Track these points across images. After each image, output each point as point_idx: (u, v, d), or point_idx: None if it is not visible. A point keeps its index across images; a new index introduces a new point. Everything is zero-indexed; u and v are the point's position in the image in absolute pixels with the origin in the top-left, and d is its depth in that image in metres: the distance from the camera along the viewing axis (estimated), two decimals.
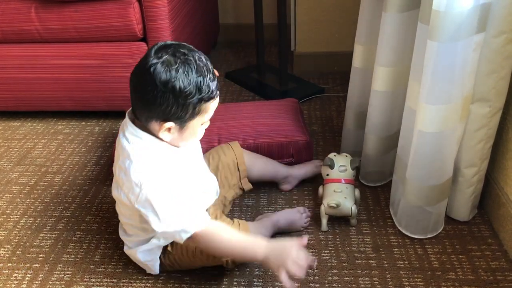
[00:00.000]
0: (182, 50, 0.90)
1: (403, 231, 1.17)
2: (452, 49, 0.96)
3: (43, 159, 1.52)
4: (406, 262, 1.10)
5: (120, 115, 1.59)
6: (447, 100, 1.01)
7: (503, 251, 1.11)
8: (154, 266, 1.06)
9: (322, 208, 1.17)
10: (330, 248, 1.14)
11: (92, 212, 1.29)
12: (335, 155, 1.25)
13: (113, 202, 1.31)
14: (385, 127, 1.27)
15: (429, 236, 1.16)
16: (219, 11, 2.34)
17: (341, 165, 1.22)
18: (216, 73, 0.95)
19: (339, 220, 1.22)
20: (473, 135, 1.10)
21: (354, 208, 1.16)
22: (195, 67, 0.89)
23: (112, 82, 1.60)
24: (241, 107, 1.53)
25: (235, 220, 1.09)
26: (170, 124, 0.92)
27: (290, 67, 1.99)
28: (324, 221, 1.18)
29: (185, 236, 0.93)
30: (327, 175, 1.23)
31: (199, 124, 0.96)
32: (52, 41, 1.58)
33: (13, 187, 1.40)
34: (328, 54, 1.99)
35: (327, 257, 1.12)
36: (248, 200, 1.31)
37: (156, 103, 0.89)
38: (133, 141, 0.95)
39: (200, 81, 0.89)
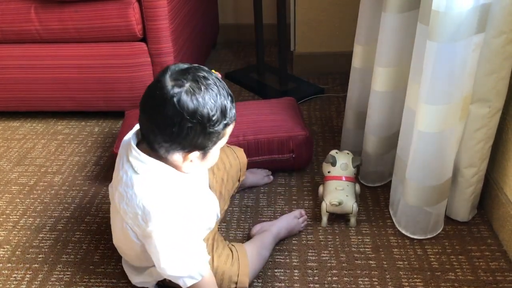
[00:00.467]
0: (201, 74, 0.83)
1: (403, 232, 1.17)
2: (452, 49, 0.96)
3: (42, 159, 1.52)
4: (406, 262, 1.10)
5: (119, 115, 1.60)
6: (447, 100, 1.01)
7: (503, 252, 1.11)
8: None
9: (324, 205, 1.17)
10: (330, 248, 1.14)
11: (91, 213, 1.29)
12: (336, 152, 1.25)
13: None
14: (384, 128, 1.27)
15: (428, 236, 1.16)
16: (219, 11, 2.34)
17: (342, 162, 1.22)
18: (219, 74, 0.90)
19: (339, 220, 1.22)
20: (473, 135, 1.10)
21: (355, 206, 1.17)
22: (218, 91, 0.83)
23: (112, 82, 1.60)
24: (241, 105, 1.53)
25: (233, 249, 1.03)
26: (195, 154, 0.86)
27: (290, 67, 1.99)
28: (325, 218, 1.19)
29: (190, 283, 0.89)
30: (329, 172, 1.22)
31: (219, 148, 0.91)
32: (52, 41, 1.58)
33: (13, 187, 1.40)
34: (328, 54, 1.99)
35: (327, 258, 1.12)
36: (248, 201, 1.31)
37: (182, 134, 0.82)
38: (139, 169, 0.87)
39: (225, 105, 0.84)
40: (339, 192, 1.17)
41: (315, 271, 1.08)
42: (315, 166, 1.44)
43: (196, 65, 0.87)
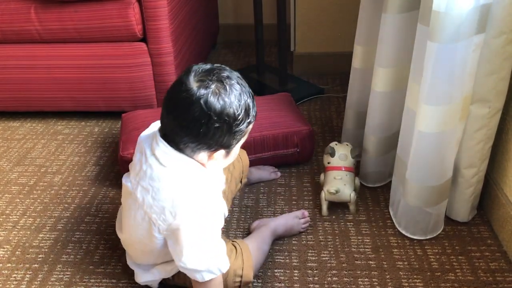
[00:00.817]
0: (224, 74, 0.85)
1: (403, 232, 1.17)
2: (452, 50, 0.96)
3: (42, 160, 1.52)
4: (406, 263, 1.10)
5: (119, 115, 1.60)
6: (447, 100, 1.01)
7: (503, 252, 1.11)
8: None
9: (323, 194, 1.22)
10: (330, 249, 1.14)
11: (91, 213, 1.29)
12: (336, 144, 1.29)
13: (112, 202, 1.32)
14: (385, 128, 1.27)
15: (428, 236, 1.16)
16: (219, 11, 2.34)
17: (341, 153, 1.26)
18: None
19: (338, 220, 1.22)
20: (473, 135, 1.10)
21: (353, 195, 1.20)
22: (241, 90, 0.86)
23: (112, 82, 1.60)
24: None
25: (236, 244, 1.04)
26: (221, 152, 0.88)
27: (289, 68, 1.99)
28: (325, 206, 1.23)
29: (208, 277, 0.89)
30: (328, 163, 1.26)
31: (240, 146, 0.93)
32: (52, 41, 1.58)
33: (13, 187, 1.40)
34: (328, 55, 1.99)
35: (327, 258, 1.12)
36: (248, 201, 1.31)
37: (209, 134, 0.84)
38: (167, 162, 0.87)
39: (248, 104, 0.87)
40: (337, 181, 1.21)
41: (315, 271, 1.08)
42: (315, 166, 1.44)
43: (218, 65, 0.88)
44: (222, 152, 0.89)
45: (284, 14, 1.79)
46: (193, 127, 0.83)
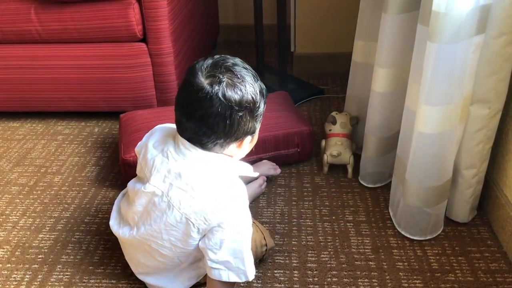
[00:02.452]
0: (230, 63, 0.86)
1: (403, 233, 1.17)
2: (452, 50, 0.96)
3: (42, 160, 1.52)
4: (406, 263, 1.10)
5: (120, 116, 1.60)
6: (447, 101, 1.01)
7: (503, 253, 1.11)
8: None
9: (325, 157, 1.38)
10: (330, 249, 1.14)
11: (91, 213, 1.29)
12: (336, 114, 1.43)
13: (112, 202, 1.32)
14: (384, 128, 1.27)
15: (428, 237, 1.16)
16: (219, 12, 2.34)
17: (342, 121, 1.41)
18: None
19: (338, 221, 1.22)
20: (473, 136, 1.10)
21: (352, 158, 1.36)
22: (250, 74, 0.87)
23: (112, 82, 1.60)
24: None
25: None
26: (248, 139, 0.91)
27: (290, 68, 1.99)
28: (326, 168, 1.40)
29: (233, 279, 0.89)
30: (330, 130, 1.42)
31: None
32: (52, 41, 1.58)
33: (13, 187, 1.40)
34: (328, 55, 1.99)
35: (327, 259, 1.12)
36: None
37: (235, 125, 0.85)
38: (199, 162, 0.88)
39: (260, 86, 0.89)
40: (338, 146, 1.37)
41: (314, 272, 1.08)
42: (315, 166, 1.44)
43: (217, 55, 0.89)
44: (248, 138, 0.91)
45: (284, 14, 1.79)
46: (219, 122, 0.84)
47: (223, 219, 0.87)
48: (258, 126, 0.92)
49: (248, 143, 0.93)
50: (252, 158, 1.32)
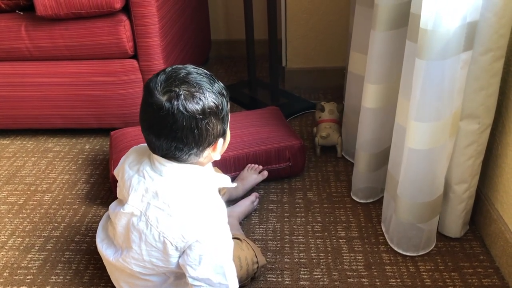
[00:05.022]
0: (182, 73, 0.84)
1: (395, 249, 1.17)
2: (440, 67, 0.97)
3: (32, 178, 1.50)
4: (398, 280, 1.09)
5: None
6: (436, 117, 1.01)
7: (495, 268, 1.11)
8: None
9: (316, 139, 1.54)
10: (322, 266, 1.13)
11: (81, 232, 1.27)
12: (324, 103, 1.59)
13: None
14: (375, 144, 1.27)
15: (421, 253, 1.15)
16: (210, 27, 2.35)
17: (330, 109, 1.58)
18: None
19: (331, 238, 1.21)
20: (463, 151, 1.10)
21: (340, 138, 1.52)
22: (206, 79, 0.86)
23: (103, 99, 1.59)
24: (231, 118, 1.55)
25: (236, 237, 1.09)
26: (220, 142, 0.90)
27: (281, 83, 2.00)
28: (318, 150, 1.56)
29: None
30: (319, 117, 1.58)
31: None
32: (42, 59, 1.57)
33: (2, 206, 1.38)
34: (319, 70, 2.00)
35: (319, 276, 1.11)
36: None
37: (204, 133, 0.85)
38: (176, 178, 0.89)
39: (219, 87, 0.87)
40: (327, 129, 1.53)
41: None
42: (307, 182, 1.44)
43: (170, 67, 0.88)
44: (221, 140, 0.91)
45: (275, 29, 1.80)
46: (188, 135, 0.84)
47: (200, 234, 0.87)
48: (227, 126, 0.92)
49: (222, 145, 0.92)
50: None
